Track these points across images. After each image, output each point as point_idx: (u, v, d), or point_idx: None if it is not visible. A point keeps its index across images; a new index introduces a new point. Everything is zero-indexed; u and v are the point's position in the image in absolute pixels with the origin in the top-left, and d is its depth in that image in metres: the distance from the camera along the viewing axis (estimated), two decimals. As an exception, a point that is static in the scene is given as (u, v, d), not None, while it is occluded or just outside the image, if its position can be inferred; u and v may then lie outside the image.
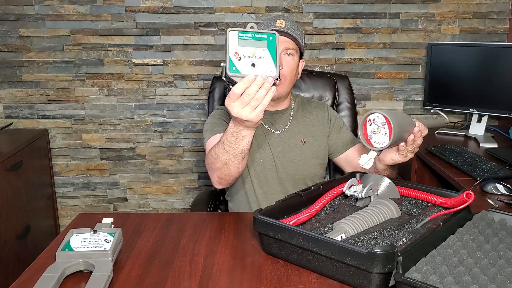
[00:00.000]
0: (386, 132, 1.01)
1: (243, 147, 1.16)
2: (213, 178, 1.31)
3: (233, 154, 1.17)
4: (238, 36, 0.99)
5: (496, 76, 2.12)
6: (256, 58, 1.00)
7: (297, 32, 1.44)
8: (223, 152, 1.19)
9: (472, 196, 1.01)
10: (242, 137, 1.13)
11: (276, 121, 1.52)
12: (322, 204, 1.14)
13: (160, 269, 0.99)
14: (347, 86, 1.87)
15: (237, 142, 1.15)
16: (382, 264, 0.82)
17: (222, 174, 1.25)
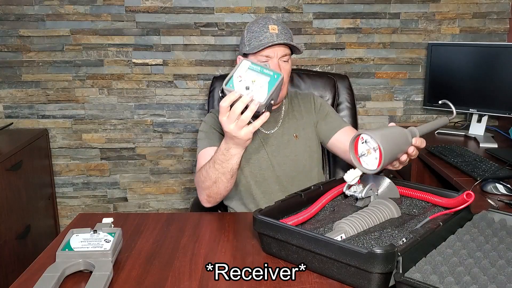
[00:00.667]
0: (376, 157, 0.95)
1: (232, 165, 1.22)
2: (201, 197, 1.35)
3: (222, 173, 1.24)
4: (249, 66, 1.10)
5: (496, 76, 2.12)
6: (254, 84, 1.08)
7: (288, 35, 1.44)
8: (213, 170, 1.25)
9: (472, 196, 1.01)
10: (232, 155, 1.20)
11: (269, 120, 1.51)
12: (322, 204, 1.14)
13: (160, 269, 0.99)
14: (347, 86, 1.87)
15: (227, 161, 1.21)
16: (382, 264, 0.82)
17: (212, 192, 1.30)
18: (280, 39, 1.39)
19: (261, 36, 1.39)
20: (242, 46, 1.46)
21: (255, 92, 1.08)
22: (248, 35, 1.43)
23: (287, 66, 1.44)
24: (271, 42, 1.37)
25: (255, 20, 1.46)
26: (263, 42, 1.38)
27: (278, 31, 1.40)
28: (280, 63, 1.41)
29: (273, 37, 1.39)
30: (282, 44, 1.40)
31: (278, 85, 1.09)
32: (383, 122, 2.53)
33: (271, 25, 1.40)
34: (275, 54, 1.39)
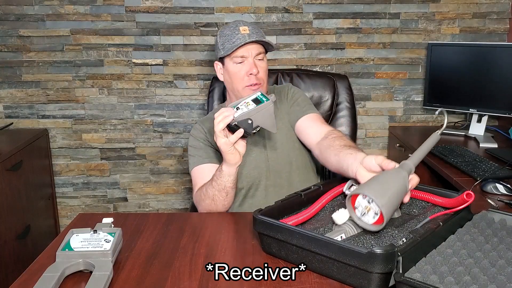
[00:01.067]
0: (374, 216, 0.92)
1: (224, 183, 1.28)
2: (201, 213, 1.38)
3: (217, 190, 1.29)
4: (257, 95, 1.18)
5: (496, 76, 2.12)
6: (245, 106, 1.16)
7: (260, 34, 1.46)
8: (211, 188, 1.31)
9: (472, 196, 1.01)
10: (224, 174, 1.26)
11: None
12: (322, 204, 1.14)
13: (160, 269, 0.99)
14: (347, 86, 1.87)
15: (220, 178, 1.27)
16: (382, 264, 0.82)
17: (211, 210, 1.34)
18: (252, 38, 1.41)
19: (233, 38, 1.42)
20: (217, 51, 1.49)
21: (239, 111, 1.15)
22: (221, 39, 1.46)
23: (263, 64, 1.46)
24: (244, 42, 1.40)
25: (226, 25, 1.49)
26: (236, 43, 1.41)
27: (249, 31, 1.43)
28: (255, 62, 1.43)
29: (245, 37, 1.41)
30: (254, 43, 1.43)
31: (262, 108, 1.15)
32: (383, 122, 2.53)
33: (242, 27, 1.43)
34: (249, 53, 1.43)
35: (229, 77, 1.48)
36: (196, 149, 1.50)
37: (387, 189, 0.92)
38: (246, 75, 1.44)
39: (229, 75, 1.47)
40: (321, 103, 1.83)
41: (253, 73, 1.42)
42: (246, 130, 1.15)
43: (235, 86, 1.47)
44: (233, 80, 1.46)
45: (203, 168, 1.46)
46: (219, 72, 1.53)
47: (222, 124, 1.16)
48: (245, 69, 1.43)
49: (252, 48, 1.43)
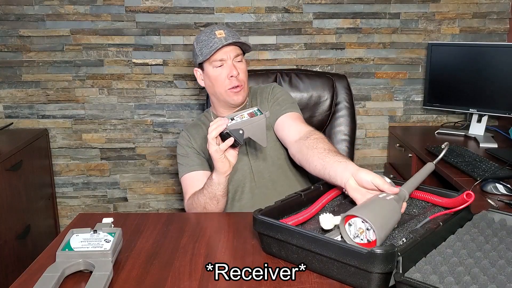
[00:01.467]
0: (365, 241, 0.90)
1: (215, 192, 1.30)
2: None
3: (208, 198, 1.31)
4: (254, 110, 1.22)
5: (496, 76, 2.12)
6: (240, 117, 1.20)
7: (236, 36, 1.47)
8: (202, 196, 1.33)
9: (472, 196, 1.01)
10: (214, 182, 1.28)
11: None
12: (322, 204, 1.14)
13: (160, 269, 0.99)
14: (346, 86, 1.87)
15: (210, 186, 1.29)
16: (382, 264, 0.82)
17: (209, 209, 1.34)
18: (228, 40, 1.42)
19: (210, 42, 1.43)
20: (195, 58, 1.49)
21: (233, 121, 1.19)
22: (198, 45, 1.46)
23: (242, 65, 1.48)
24: (221, 45, 1.41)
25: (201, 31, 1.49)
26: (213, 47, 1.41)
27: (225, 34, 1.44)
28: (235, 64, 1.45)
29: (221, 40, 1.42)
30: (232, 45, 1.44)
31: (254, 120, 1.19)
32: (383, 122, 2.53)
33: (217, 31, 1.44)
34: (227, 56, 1.44)
35: (210, 81, 1.48)
36: (183, 157, 1.52)
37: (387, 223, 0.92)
38: (227, 78, 1.44)
39: (210, 79, 1.48)
40: (320, 103, 1.83)
41: (233, 75, 1.43)
42: (236, 139, 1.19)
43: (217, 90, 1.47)
44: (215, 84, 1.47)
45: (191, 176, 1.48)
46: (199, 78, 1.54)
47: (215, 132, 1.19)
48: (225, 72, 1.44)
49: (230, 50, 1.44)
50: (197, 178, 1.46)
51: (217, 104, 1.54)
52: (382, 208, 0.92)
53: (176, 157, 1.56)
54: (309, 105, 1.84)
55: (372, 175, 1.03)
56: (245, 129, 1.19)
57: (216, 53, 1.42)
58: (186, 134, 1.55)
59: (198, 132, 1.55)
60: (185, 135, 1.55)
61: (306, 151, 1.27)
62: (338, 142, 1.84)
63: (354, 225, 0.91)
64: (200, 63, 1.48)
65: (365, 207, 0.94)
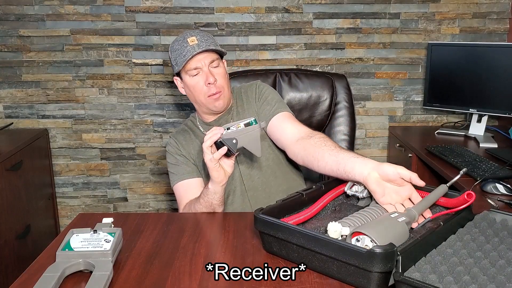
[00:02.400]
0: None
1: (211, 201, 1.29)
2: None
3: (205, 207, 1.31)
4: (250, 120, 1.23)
5: (496, 76, 2.12)
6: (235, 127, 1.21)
7: (210, 41, 1.43)
8: (198, 204, 1.32)
9: (473, 196, 1.02)
10: (210, 191, 1.28)
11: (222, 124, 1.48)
12: (323, 203, 1.14)
13: (160, 269, 0.99)
14: (345, 85, 1.87)
15: (207, 195, 1.29)
16: (381, 263, 0.82)
17: None
18: (201, 47, 1.38)
19: (183, 51, 1.39)
20: (173, 68, 1.47)
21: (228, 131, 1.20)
22: (173, 55, 1.43)
23: (219, 70, 1.44)
24: (189, 56, 1.37)
25: (175, 39, 1.45)
26: (186, 57, 1.38)
27: (198, 40, 1.40)
28: (211, 70, 1.41)
29: (194, 48, 1.38)
30: (204, 52, 1.39)
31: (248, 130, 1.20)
32: (383, 122, 2.53)
33: (189, 38, 1.40)
34: (202, 63, 1.40)
35: (190, 90, 1.45)
36: (174, 166, 1.49)
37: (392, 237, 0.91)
38: (205, 85, 1.41)
39: (189, 88, 1.45)
40: (319, 102, 1.83)
41: (210, 82, 1.40)
42: (230, 148, 1.19)
43: (197, 98, 1.45)
44: (194, 93, 1.44)
45: (184, 184, 1.46)
46: (179, 86, 1.51)
47: (209, 141, 1.19)
48: (202, 79, 1.41)
49: (203, 57, 1.40)
50: (189, 185, 1.45)
51: (200, 110, 1.51)
52: (392, 229, 0.92)
53: (167, 165, 1.53)
54: (308, 105, 1.84)
55: (396, 167, 1.05)
56: (239, 139, 1.19)
57: (189, 62, 1.39)
58: (174, 141, 1.52)
59: (186, 138, 1.53)
60: (173, 142, 1.53)
61: (313, 150, 1.26)
62: (337, 142, 1.83)
63: (361, 241, 0.90)
64: (177, 72, 1.45)
65: (376, 226, 0.93)
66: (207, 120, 1.52)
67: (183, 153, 1.50)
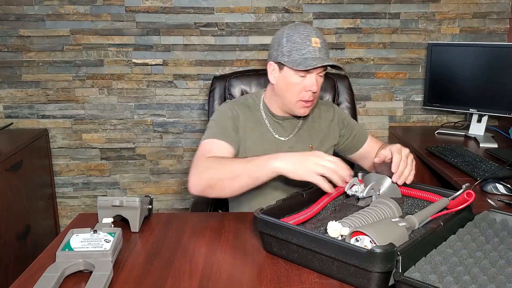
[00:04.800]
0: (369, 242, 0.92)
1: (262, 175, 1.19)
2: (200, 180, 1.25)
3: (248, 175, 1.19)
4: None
5: (496, 76, 2.12)
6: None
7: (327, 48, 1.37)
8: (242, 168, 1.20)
9: (473, 195, 1.02)
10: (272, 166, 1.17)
11: (287, 127, 1.48)
12: (323, 203, 1.14)
13: (160, 269, 0.99)
14: (347, 86, 1.87)
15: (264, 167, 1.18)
16: (381, 263, 0.82)
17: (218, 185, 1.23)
18: (322, 54, 1.33)
19: (303, 49, 1.31)
20: (278, 54, 1.36)
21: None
22: (288, 45, 1.33)
23: (321, 79, 1.39)
24: (315, 65, 1.30)
25: (294, 28, 1.35)
26: (306, 57, 1.31)
27: (320, 44, 1.33)
28: (317, 79, 1.36)
29: (315, 52, 1.32)
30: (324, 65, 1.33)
31: None
32: (383, 122, 2.53)
33: (314, 38, 1.32)
34: (315, 70, 1.34)
35: (285, 85, 1.37)
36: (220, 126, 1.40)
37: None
38: (304, 89, 1.35)
39: (285, 83, 1.37)
40: (321, 103, 1.83)
41: (312, 90, 1.34)
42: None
43: (288, 96, 1.38)
44: (288, 90, 1.37)
45: (220, 144, 1.35)
46: (271, 74, 1.41)
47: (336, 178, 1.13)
48: (306, 83, 1.34)
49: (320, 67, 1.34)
50: (224, 149, 1.35)
51: (278, 103, 1.45)
52: (392, 232, 0.92)
53: (212, 119, 1.43)
54: (309, 105, 1.83)
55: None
56: None
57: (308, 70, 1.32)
58: (235, 109, 1.44)
59: (244, 112, 1.45)
60: (233, 109, 1.44)
61: None
62: None
63: (361, 241, 0.90)
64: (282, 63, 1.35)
65: (376, 226, 0.93)
66: (275, 112, 1.47)
67: (240, 124, 1.43)
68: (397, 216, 1.08)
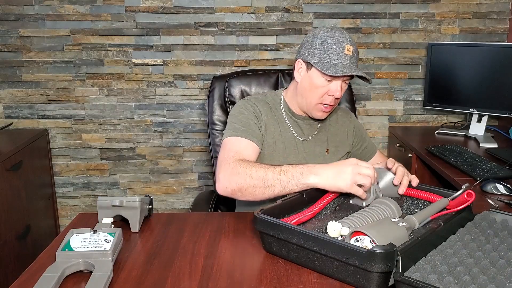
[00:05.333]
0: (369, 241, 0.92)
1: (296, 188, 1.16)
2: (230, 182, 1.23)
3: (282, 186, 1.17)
4: None
5: (496, 76, 2.12)
6: None
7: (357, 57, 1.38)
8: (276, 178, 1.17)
9: (473, 195, 1.02)
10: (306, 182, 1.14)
11: (305, 128, 1.49)
12: (323, 203, 1.14)
13: (160, 269, 0.99)
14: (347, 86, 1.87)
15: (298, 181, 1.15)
16: (381, 263, 0.82)
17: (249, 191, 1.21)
18: (353, 62, 1.33)
19: (335, 54, 1.32)
20: (309, 53, 1.36)
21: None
22: (321, 47, 1.33)
23: (346, 86, 1.40)
24: (344, 73, 1.29)
25: (330, 31, 1.35)
26: (336, 63, 1.31)
27: (352, 53, 1.33)
28: (342, 86, 1.36)
29: (347, 59, 1.32)
30: None
31: None
32: (383, 122, 2.53)
33: (348, 45, 1.33)
34: (342, 77, 1.34)
35: (309, 86, 1.37)
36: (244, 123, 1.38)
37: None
38: (327, 93, 1.36)
39: (310, 84, 1.37)
40: (321, 103, 1.83)
41: (335, 95, 1.35)
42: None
43: (309, 96, 1.38)
44: (311, 91, 1.37)
45: (249, 144, 1.34)
46: (298, 71, 1.41)
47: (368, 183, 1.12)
48: (330, 88, 1.35)
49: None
50: (254, 150, 1.34)
51: (298, 102, 1.45)
52: (392, 232, 0.92)
53: (233, 115, 1.41)
54: (309, 105, 1.83)
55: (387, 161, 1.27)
56: None
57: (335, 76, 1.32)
58: (256, 106, 1.43)
59: (265, 110, 1.44)
60: (255, 106, 1.43)
61: None
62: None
63: (361, 241, 0.90)
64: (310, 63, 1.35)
65: (376, 226, 0.93)
66: (295, 111, 1.47)
67: (263, 122, 1.41)
68: (397, 216, 1.08)
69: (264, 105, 1.46)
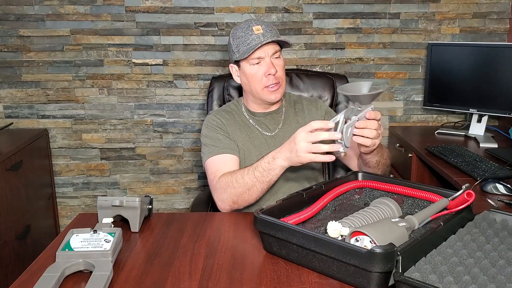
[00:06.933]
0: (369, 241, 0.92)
1: (272, 177, 1.25)
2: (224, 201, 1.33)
3: (260, 181, 1.26)
4: None
5: (496, 76, 2.12)
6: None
7: (274, 31, 1.44)
8: (251, 177, 1.27)
9: (473, 195, 1.01)
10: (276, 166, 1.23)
11: (269, 122, 1.52)
12: (323, 203, 1.14)
13: (160, 269, 0.99)
14: (346, 86, 1.87)
15: (269, 170, 1.24)
16: (381, 263, 0.82)
17: (240, 199, 1.31)
18: (267, 37, 1.38)
19: (247, 39, 1.39)
20: (231, 54, 1.46)
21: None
22: (235, 42, 1.42)
23: (280, 61, 1.44)
24: (259, 44, 1.36)
25: (238, 26, 1.44)
26: (251, 45, 1.38)
27: (263, 30, 1.40)
28: (272, 61, 1.41)
29: (259, 37, 1.38)
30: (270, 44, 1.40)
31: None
32: (383, 122, 2.51)
33: (255, 26, 1.40)
34: (265, 53, 1.40)
35: (247, 79, 1.44)
36: (213, 139, 1.45)
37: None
38: (264, 75, 1.41)
39: (246, 77, 1.44)
40: (321, 103, 1.83)
41: (271, 73, 1.40)
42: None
43: (253, 88, 1.44)
44: (251, 82, 1.43)
45: (223, 157, 1.41)
46: (235, 74, 1.50)
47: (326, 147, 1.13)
48: (263, 69, 1.41)
49: (268, 48, 1.40)
50: (229, 160, 1.41)
51: (252, 100, 1.51)
52: (392, 232, 0.92)
53: (203, 139, 1.49)
54: (309, 105, 1.84)
55: None
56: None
57: (254, 52, 1.38)
58: (218, 118, 1.49)
59: (229, 118, 1.51)
60: (215, 118, 1.50)
61: None
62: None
63: (361, 241, 0.91)
64: (237, 60, 1.43)
65: (376, 226, 0.93)
66: (254, 110, 1.52)
67: (228, 130, 1.47)
68: (397, 216, 1.08)
69: (226, 114, 1.53)
